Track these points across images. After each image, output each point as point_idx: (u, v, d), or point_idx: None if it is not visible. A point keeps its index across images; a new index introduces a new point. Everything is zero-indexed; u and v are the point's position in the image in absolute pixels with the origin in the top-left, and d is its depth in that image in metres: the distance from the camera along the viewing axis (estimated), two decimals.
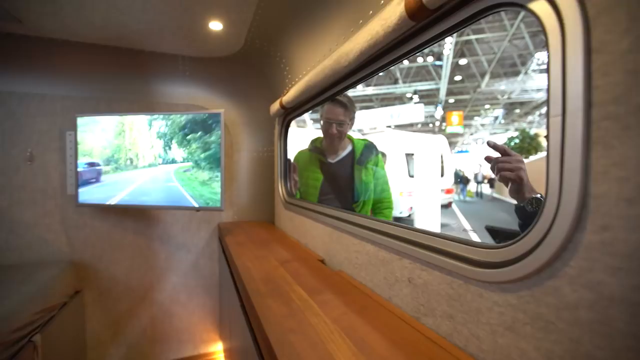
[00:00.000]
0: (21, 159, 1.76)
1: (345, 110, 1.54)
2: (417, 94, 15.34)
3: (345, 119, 1.55)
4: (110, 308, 1.92)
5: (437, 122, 18.65)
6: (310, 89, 1.26)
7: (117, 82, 1.90)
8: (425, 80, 14.80)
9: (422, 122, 16.09)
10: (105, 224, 1.89)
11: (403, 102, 16.62)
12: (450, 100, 17.37)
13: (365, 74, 1.01)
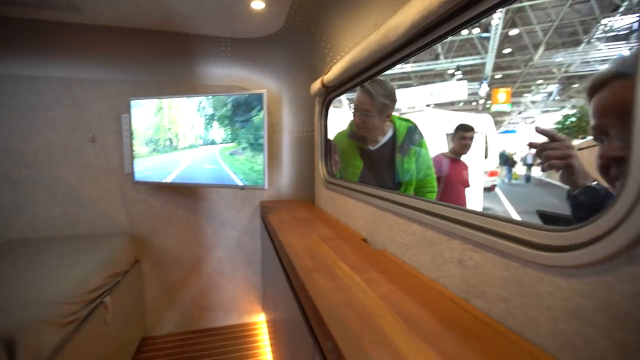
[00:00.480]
0: (85, 140, 1.92)
1: (371, 100, 1.46)
2: (460, 69, 14.42)
3: (371, 108, 1.47)
4: (165, 277, 2.10)
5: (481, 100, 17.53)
6: (353, 66, 1.23)
7: (165, 66, 1.98)
8: (470, 54, 13.83)
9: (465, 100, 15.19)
10: (159, 200, 2.04)
11: (444, 79, 15.75)
12: (497, 76, 16.16)
13: (415, 49, 0.96)
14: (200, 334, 2.12)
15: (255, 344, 2.00)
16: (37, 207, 1.89)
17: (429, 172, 1.59)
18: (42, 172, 1.88)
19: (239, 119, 1.74)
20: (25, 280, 1.24)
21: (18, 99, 1.83)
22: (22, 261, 1.45)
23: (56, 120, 1.88)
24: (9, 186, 1.84)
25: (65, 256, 1.52)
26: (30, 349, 0.95)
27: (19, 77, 1.83)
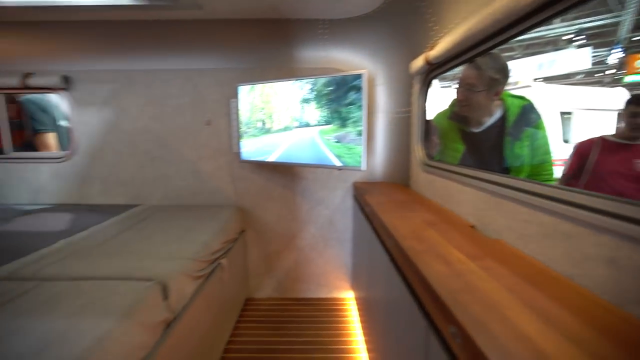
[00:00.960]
0: (203, 123, 2.20)
1: (478, 73, 1.30)
2: (581, 34, 11.97)
3: (477, 83, 1.32)
4: (264, 247, 2.32)
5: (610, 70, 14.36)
6: (468, 38, 1.12)
7: (268, 52, 2.11)
8: (596, 14, 11.32)
9: (586, 71, 12.64)
10: (261, 178, 2.24)
11: (557, 47, 13.30)
12: (636, 38, 12.94)
13: (552, 13, 0.82)
14: (294, 301, 2.31)
15: (344, 319, 2.09)
16: (168, 180, 2.26)
17: (545, 158, 1.39)
18: (172, 150, 2.23)
19: (336, 100, 1.77)
20: (166, 239, 1.51)
21: (154, 90, 2.18)
22: (162, 223, 1.77)
23: (182, 107, 2.18)
24: (149, 162, 2.24)
25: (191, 222, 1.79)
26: (175, 293, 1.16)
27: (153, 71, 2.17)
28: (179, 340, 1.15)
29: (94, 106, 2.22)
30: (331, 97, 1.78)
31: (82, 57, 2.17)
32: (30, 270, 1.17)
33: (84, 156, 2.28)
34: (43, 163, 2.32)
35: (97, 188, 2.30)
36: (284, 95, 1.95)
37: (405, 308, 0.92)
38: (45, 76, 2.16)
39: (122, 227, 1.68)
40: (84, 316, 0.88)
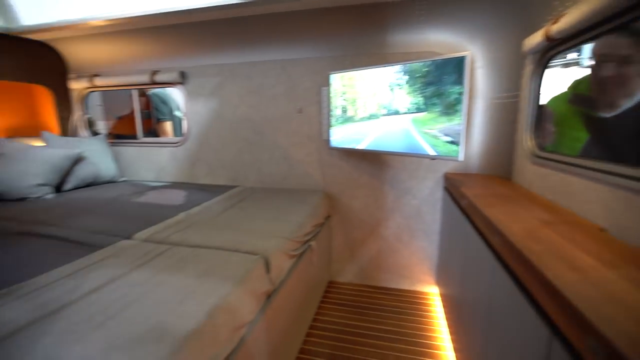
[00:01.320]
0: (295, 111, 2.31)
1: (635, 41, 1.05)
2: None
3: (632, 52, 1.07)
4: (348, 234, 2.36)
5: None
6: (614, 3, 0.93)
7: (359, 39, 2.09)
8: None
9: None
10: (348, 165, 2.27)
11: None
12: None
13: None
14: (376, 289, 2.32)
15: (427, 313, 2.03)
16: (262, 165, 2.45)
17: None
18: (266, 137, 2.40)
19: (432, 86, 1.67)
20: (264, 218, 1.65)
21: (252, 80, 2.36)
22: (258, 204, 1.93)
23: (276, 96, 2.33)
24: (247, 148, 2.46)
25: (283, 204, 1.92)
26: (275, 269, 1.27)
27: (252, 62, 2.34)
28: (275, 312, 1.26)
29: (203, 97, 2.51)
30: (426, 83, 1.69)
31: (195, 54, 2.46)
32: (161, 236, 1.40)
33: (194, 141, 2.61)
34: (164, 147, 2.74)
35: (203, 170, 2.63)
36: (374, 82, 1.91)
37: (517, 313, 0.84)
38: (167, 72, 2.52)
39: (226, 205, 1.88)
40: (207, 278, 1.02)
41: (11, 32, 2.37)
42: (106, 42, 2.51)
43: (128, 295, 0.92)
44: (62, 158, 2.28)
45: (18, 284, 0.98)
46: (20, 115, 2.72)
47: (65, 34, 2.44)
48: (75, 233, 1.45)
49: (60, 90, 2.82)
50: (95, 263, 1.13)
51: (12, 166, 2.09)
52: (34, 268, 1.11)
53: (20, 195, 2.07)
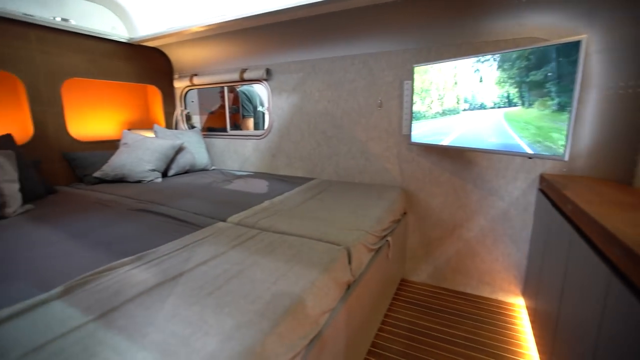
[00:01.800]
0: (374, 106, 2.30)
1: None
2: None
3: None
4: (425, 232, 2.28)
5: None
6: None
7: (445, 30, 1.98)
8: None
9: None
10: (428, 161, 2.18)
11: None
12: None
13: None
14: (452, 293, 2.20)
15: (511, 326, 1.86)
16: (339, 158, 2.50)
17: None
18: (344, 131, 2.44)
19: (532, 77, 1.50)
20: (343, 211, 1.69)
21: (333, 75, 2.41)
22: (337, 196, 1.98)
23: (356, 90, 2.34)
24: (325, 141, 2.53)
25: (361, 198, 1.94)
26: (356, 261, 1.29)
27: (334, 58, 2.39)
28: (353, 304, 1.28)
29: (285, 92, 2.65)
30: (525, 73, 1.52)
31: (279, 52, 2.60)
32: (251, 221, 1.54)
33: (276, 134, 2.78)
34: (249, 139, 2.97)
35: (283, 161, 2.78)
36: (462, 74, 1.80)
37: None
38: (254, 70, 2.71)
39: (306, 196, 1.97)
40: (296, 263, 1.09)
41: (133, 41, 2.80)
42: (203, 45, 2.80)
43: (229, 271, 1.03)
44: (168, 148, 2.64)
45: (145, 251, 1.18)
46: (137, 111, 3.22)
47: (172, 40, 2.79)
48: (181, 213, 1.68)
49: (167, 89, 3.25)
50: (200, 240, 1.29)
51: (132, 153, 2.49)
52: (154, 239, 1.31)
53: (137, 178, 2.45)
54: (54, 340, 0.72)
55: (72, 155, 2.48)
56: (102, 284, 0.96)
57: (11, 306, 0.85)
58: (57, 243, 1.30)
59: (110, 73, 2.74)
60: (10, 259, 1.17)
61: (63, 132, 2.47)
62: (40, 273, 1.05)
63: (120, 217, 1.63)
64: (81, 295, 0.90)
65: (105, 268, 1.04)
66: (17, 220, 1.60)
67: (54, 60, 2.36)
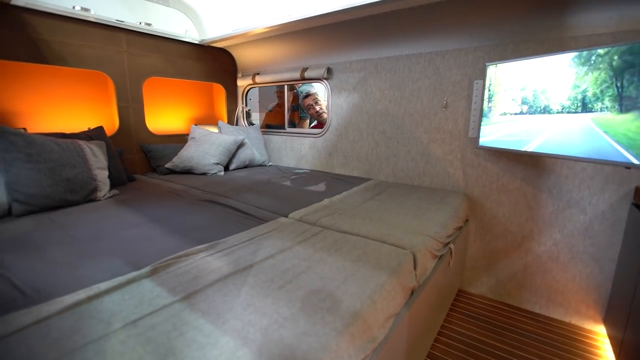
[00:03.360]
0: (439, 106, 2.20)
1: None
2: None
3: None
4: (487, 242, 2.14)
5: None
6: None
7: (524, 23, 1.82)
8: None
9: None
10: (496, 167, 2.03)
11: None
12: None
13: None
14: (516, 310, 2.04)
15: (589, 355, 1.66)
16: (398, 159, 2.43)
17: None
18: (405, 132, 2.37)
19: (633, 77, 1.32)
20: (405, 214, 1.64)
21: (397, 74, 2.35)
22: (397, 198, 1.93)
23: (420, 90, 2.26)
24: (384, 141, 2.48)
25: (422, 201, 1.86)
26: (420, 266, 1.24)
27: (398, 56, 2.33)
28: (415, 310, 1.24)
29: (345, 91, 2.65)
30: (622, 73, 1.34)
31: (341, 51, 2.60)
32: (313, 218, 1.56)
33: (333, 133, 2.79)
34: (306, 137, 3.02)
35: (340, 160, 2.79)
36: (544, 73, 1.64)
37: None
38: (315, 69, 2.75)
39: (365, 197, 1.95)
40: (363, 264, 1.08)
41: (203, 43, 2.99)
42: (266, 45, 2.90)
43: (297, 266, 1.05)
44: (231, 143, 2.78)
45: (216, 240, 1.24)
46: (203, 108, 3.44)
47: (237, 41, 2.93)
48: (244, 206, 1.75)
49: (231, 87, 3.42)
50: (266, 233, 1.34)
51: (199, 147, 2.67)
52: (223, 229, 1.39)
53: (202, 171, 2.62)
54: (146, 316, 0.78)
55: (148, 147, 2.72)
56: (182, 268, 1.03)
57: (109, 280, 0.94)
58: (141, 226, 1.43)
59: (183, 72, 2.96)
60: (105, 236, 1.31)
61: (142, 126, 2.72)
62: (130, 252, 1.17)
63: (190, 206, 1.74)
64: (165, 276, 0.98)
65: (184, 253, 1.12)
66: (106, 203, 1.79)
67: (138, 61, 2.61)
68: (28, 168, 1.61)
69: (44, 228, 1.41)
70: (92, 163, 1.85)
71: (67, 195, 1.70)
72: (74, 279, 0.98)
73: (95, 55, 2.35)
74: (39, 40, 2.09)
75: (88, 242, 1.26)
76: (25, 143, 1.64)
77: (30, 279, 0.98)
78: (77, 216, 1.56)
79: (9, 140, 1.61)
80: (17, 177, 1.58)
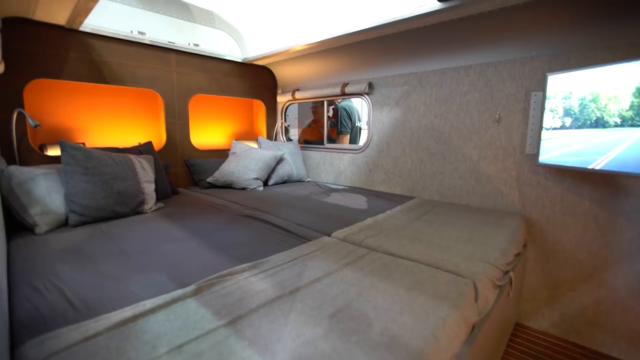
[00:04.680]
0: (491, 120, 2.05)
1: None
2: None
3: None
4: (550, 271, 1.91)
5: None
6: None
7: (590, 30, 1.66)
8: None
9: None
10: (559, 187, 1.83)
11: None
12: None
13: None
14: (587, 352, 1.78)
15: None
16: (444, 177, 2.29)
17: None
18: (452, 148, 2.23)
19: None
20: (458, 237, 1.50)
21: (443, 88, 2.24)
22: (446, 219, 1.79)
23: (469, 103, 2.13)
24: (428, 158, 2.36)
25: (476, 223, 1.71)
26: (482, 298, 1.10)
27: (445, 69, 2.22)
28: (475, 348, 1.09)
29: (387, 106, 2.57)
30: None
31: (382, 65, 2.54)
32: (357, 238, 1.47)
33: (374, 149, 2.71)
34: (345, 153, 2.96)
35: (380, 177, 2.69)
36: (618, 83, 1.46)
37: None
38: (356, 84, 2.71)
39: (410, 216, 1.83)
40: (419, 293, 0.97)
41: (246, 61, 3.08)
42: (306, 62, 2.93)
43: (347, 292, 0.97)
44: (271, 158, 2.79)
45: (259, 259, 1.20)
46: (244, 123, 3.52)
47: (277, 58, 2.98)
48: (285, 223, 1.70)
49: (270, 103, 3.48)
50: (310, 253, 1.27)
51: (240, 162, 2.70)
52: (265, 247, 1.34)
53: (242, 186, 2.63)
54: (192, 341, 0.74)
55: (192, 162, 2.80)
56: (226, 288, 0.99)
57: (154, 298, 0.92)
58: (184, 240, 1.43)
59: (226, 89, 3.06)
60: (150, 249, 1.32)
61: (186, 141, 2.81)
62: (174, 268, 1.15)
63: (232, 221, 1.73)
64: (209, 296, 0.93)
65: (227, 272, 1.08)
66: (152, 216, 1.83)
67: (185, 79, 2.73)
68: (85, 180, 1.68)
69: (95, 239, 1.44)
70: (141, 177, 1.91)
71: (117, 207, 1.76)
72: (121, 294, 0.96)
73: (148, 74, 2.49)
74: (100, 62, 2.25)
75: (135, 255, 1.26)
76: (84, 157, 1.73)
77: (81, 291, 0.98)
78: (126, 228, 1.60)
79: (70, 154, 1.70)
80: (75, 189, 1.66)
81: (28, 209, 1.54)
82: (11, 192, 1.55)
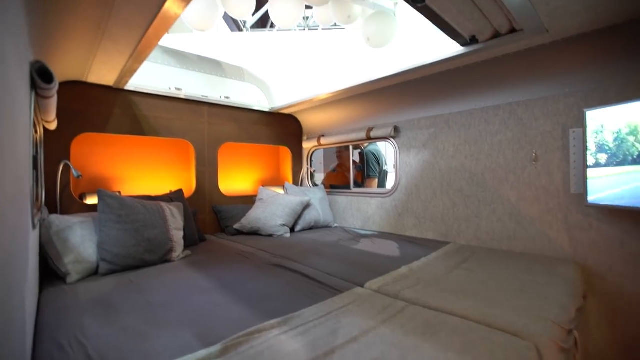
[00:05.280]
0: (527, 159, 1.95)
1: None
2: None
3: None
4: (619, 327, 1.66)
5: None
6: None
7: (631, 62, 1.59)
8: None
9: None
10: (617, 229, 1.65)
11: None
12: None
13: None
14: None
15: None
16: (481, 220, 2.15)
17: None
18: (487, 189, 2.12)
19: None
20: (507, 289, 1.34)
21: (472, 129, 2.20)
22: (488, 267, 1.63)
23: (502, 143, 2.05)
24: (462, 200, 2.24)
25: (524, 272, 1.54)
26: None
27: (472, 110, 2.19)
28: None
29: (414, 149, 2.54)
30: None
31: (408, 109, 2.56)
32: (393, 289, 1.35)
33: (403, 192, 2.63)
34: (373, 197, 2.89)
35: (411, 222, 2.57)
36: None
37: None
38: (382, 128, 2.72)
39: (449, 264, 1.69)
40: (473, 358, 0.84)
41: (273, 110, 3.22)
42: (331, 109, 3.01)
43: (388, 354, 0.86)
44: (297, 204, 2.76)
45: (289, 314, 1.11)
46: (270, 170, 3.58)
47: (303, 107, 3.10)
48: (314, 272, 1.62)
49: (296, 149, 3.55)
50: (342, 307, 1.17)
51: (267, 209, 2.69)
52: (295, 300, 1.26)
53: (269, 232, 2.60)
54: None
55: (219, 208, 2.83)
56: (255, 347, 0.90)
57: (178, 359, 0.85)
58: (211, 291, 1.37)
59: (254, 137, 3.17)
60: (176, 302, 1.27)
61: (215, 188, 2.87)
62: (200, 323, 1.08)
63: (259, 271, 1.67)
64: (236, 358, 0.85)
65: (256, 329, 1.00)
66: (179, 264, 1.81)
67: (216, 129, 2.86)
68: (118, 228, 1.71)
69: (123, 290, 1.42)
70: (171, 224, 1.93)
71: (146, 255, 1.75)
72: (144, 354, 0.90)
73: (182, 126, 2.64)
74: (140, 116, 2.41)
75: (161, 308, 1.22)
76: (119, 205, 1.78)
77: (104, 349, 0.93)
78: (153, 278, 1.57)
79: (106, 202, 1.76)
80: (108, 236, 1.68)
81: (63, 257, 1.57)
82: (49, 240, 1.59)
